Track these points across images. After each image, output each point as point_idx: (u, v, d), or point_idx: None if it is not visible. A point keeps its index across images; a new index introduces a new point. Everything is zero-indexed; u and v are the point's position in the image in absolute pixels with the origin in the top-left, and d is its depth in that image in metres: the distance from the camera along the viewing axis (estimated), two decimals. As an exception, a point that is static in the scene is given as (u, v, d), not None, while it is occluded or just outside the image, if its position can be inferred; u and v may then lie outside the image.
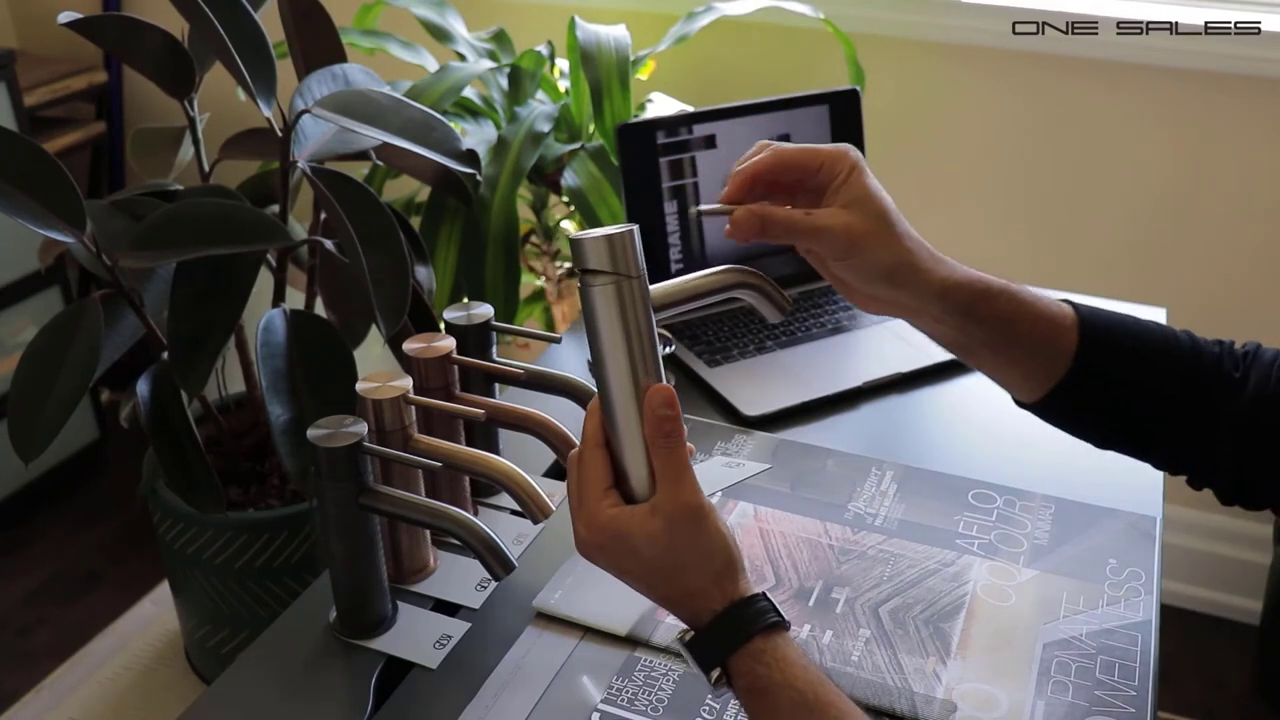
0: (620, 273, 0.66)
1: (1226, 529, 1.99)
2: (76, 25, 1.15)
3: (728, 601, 0.65)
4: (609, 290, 0.66)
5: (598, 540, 0.67)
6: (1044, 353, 0.78)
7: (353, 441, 0.79)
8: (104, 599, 2.03)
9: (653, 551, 0.66)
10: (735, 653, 0.64)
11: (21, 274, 2.16)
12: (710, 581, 0.66)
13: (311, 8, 1.29)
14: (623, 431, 0.67)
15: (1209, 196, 1.85)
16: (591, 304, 0.67)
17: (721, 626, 0.65)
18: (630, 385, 0.67)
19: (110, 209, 1.24)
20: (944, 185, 2.00)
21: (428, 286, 1.34)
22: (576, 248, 0.67)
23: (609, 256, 0.66)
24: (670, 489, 0.66)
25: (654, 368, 0.68)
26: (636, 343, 0.67)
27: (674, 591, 0.67)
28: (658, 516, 0.66)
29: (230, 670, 0.83)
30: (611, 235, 0.66)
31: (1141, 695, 0.78)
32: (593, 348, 0.68)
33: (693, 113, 1.27)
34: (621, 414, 0.67)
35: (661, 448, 0.66)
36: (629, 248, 0.66)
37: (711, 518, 0.67)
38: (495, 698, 0.79)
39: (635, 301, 0.67)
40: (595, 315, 0.67)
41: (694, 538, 0.66)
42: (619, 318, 0.67)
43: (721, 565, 0.66)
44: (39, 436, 1.11)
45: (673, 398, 0.67)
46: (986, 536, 0.94)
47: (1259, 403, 0.76)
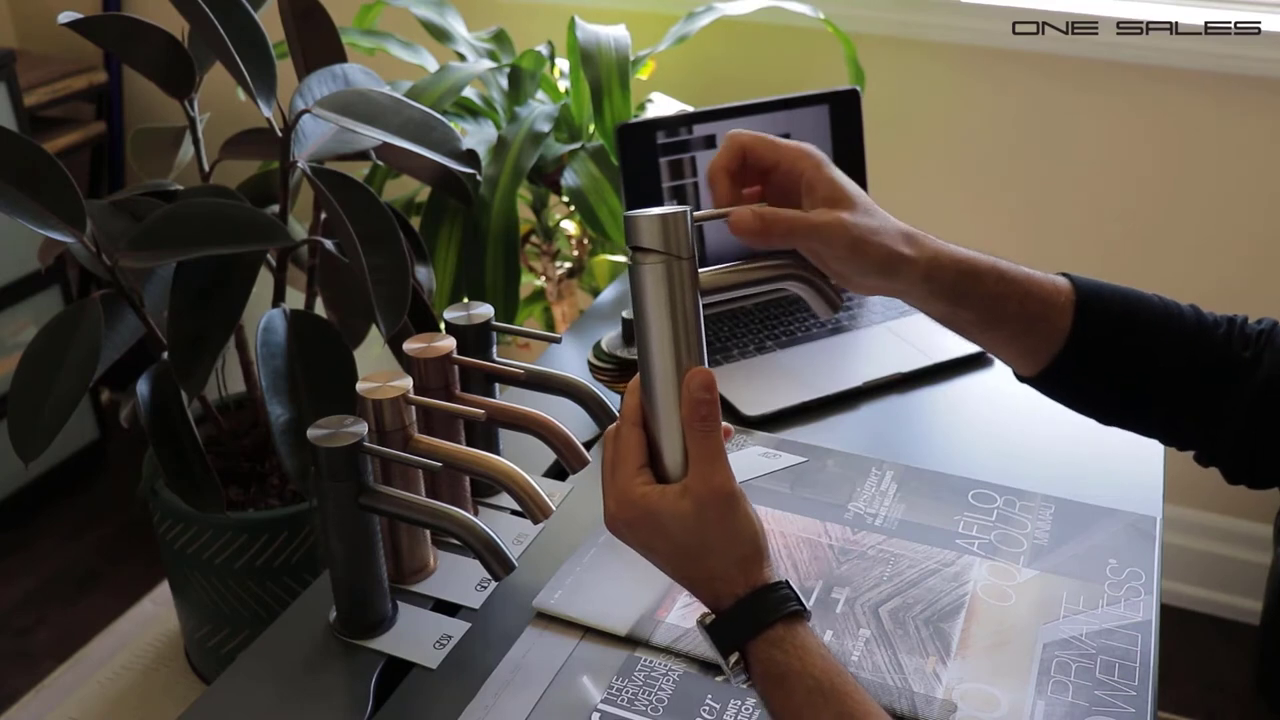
0: (671, 252, 0.66)
1: (1226, 529, 1.99)
2: (76, 25, 1.15)
3: (750, 588, 0.66)
4: (658, 269, 0.66)
5: (627, 516, 0.68)
6: (1038, 330, 0.77)
7: (353, 441, 0.79)
8: (104, 599, 2.03)
9: (681, 532, 0.67)
10: (755, 639, 0.65)
11: (21, 274, 2.16)
12: (735, 566, 0.66)
13: (311, 8, 1.29)
14: (661, 411, 0.68)
15: (1209, 196, 1.85)
16: (640, 281, 0.67)
17: (743, 612, 0.66)
18: (672, 366, 0.67)
19: (110, 209, 1.24)
20: (944, 185, 2.00)
21: (428, 286, 1.34)
22: (630, 224, 0.67)
23: (661, 235, 0.66)
24: (703, 472, 0.66)
25: (697, 351, 0.68)
26: (681, 324, 0.67)
27: (697, 573, 0.68)
28: (688, 498, 0.66)
29: (230, 670, 0.83)
30: (666, 214, 0.66)
31: (1141, 695, 0.78)
32: (637, 326, 0.68)
33: (693, 113, 1.27)
34: (661, 394, 0.68)
35: (698, 430, 0.67)
36: (682, 228, 0.66)
37: (742, 504, 0.67)
38: (495, 698, 0.79)
39: (684, 283, 0.67)
40: (643, 293, 0.67)
41: (723, 522, 0.66)
42: (666, 297, 0.67)
43: (748, 551, 0.67)
44: (39, 436, 1.11)
45: (712, 381, 0.67)
46: (986, 536, 0.94)
47: (1272, 384, 0.76)
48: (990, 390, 1.17)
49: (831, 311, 0.75)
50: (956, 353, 1.20)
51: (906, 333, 1.25)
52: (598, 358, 1.16)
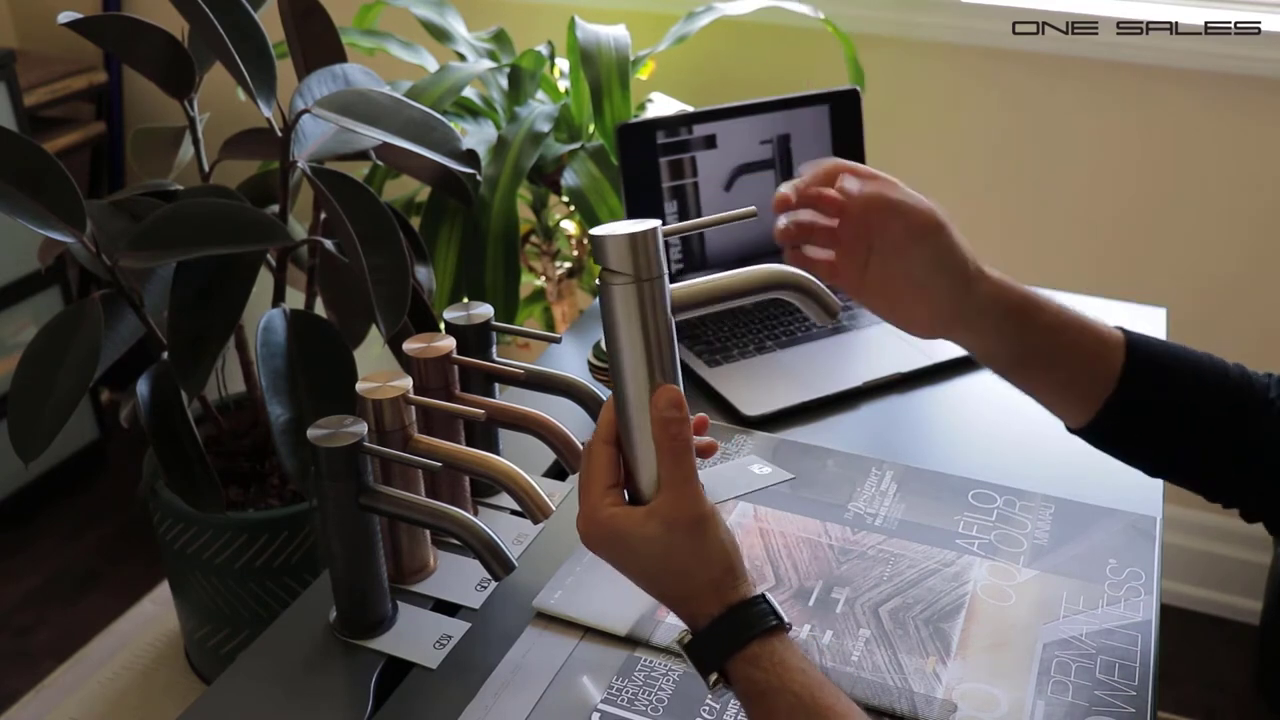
0: (639, 275, 0.65)
1: (1226, 529, 1.99)
2: (76, 25, 1.15)
3: (724, 607, 0.65)
4: (628, 290, 0.65)
5: (595, 534, 0.68)
6: (1092, 369, 0.78)
7: (353, 441, 0.79)
8: (104, 599, 2.03)
9: (648, 555, 0.66)
10: (731, 658, 0.64)
11: (21, 274, 2.16)
12: (707, 587, 0.66)
13: (311, 8, 1.29)
14: (634, 431, 0.67)
15: (1208, 196, 1.85)
16: (610, 302, 0.66)
17: (717, 632, 0.65)
18: (644, 386, 0.66)
19: (110, 209, 1.24)
20: (944, 184, 2.00)
21: (428, 286, 1.34)
22: (597, 245, 0.66)
23: (630, 257, 0.65)
24: (671, 495, 0.66)
25: (670, 369, 0.67)
26: (654, 343, 0.66)
27: (670, 592, 0.68)
28: (654, 521, 0.66)
29: (230, 670, 0.83)
30: (634, 234, 0.65)
31: (1141, 695, 0.78)
32: (609, 344, 0.68)
33: (693, 113, 1.27)
34: (633, 413, 0.67)
35: (666, 450, 0.66)
36: (650, 248, 0.65)
37: (711, 524, 0.66)
38: (495, 698, 0.79)
39: (655, 302, 0.66)
40: (613, 313, 0.66)
41: (691, 545, 0.66)
42: (637, 318, 0.66)
43: (718, 573, 0.66)
44: (39, 436, 1.11)
45: (679, 400, 0.66)
46: (986, 536, 0.94)
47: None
48: (990, 390, 1.17)
49: (829, 318, 0.74)
50: (957, 353, 1.19)
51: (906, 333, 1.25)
52: (598, 358, 1.16)
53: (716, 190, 1.28)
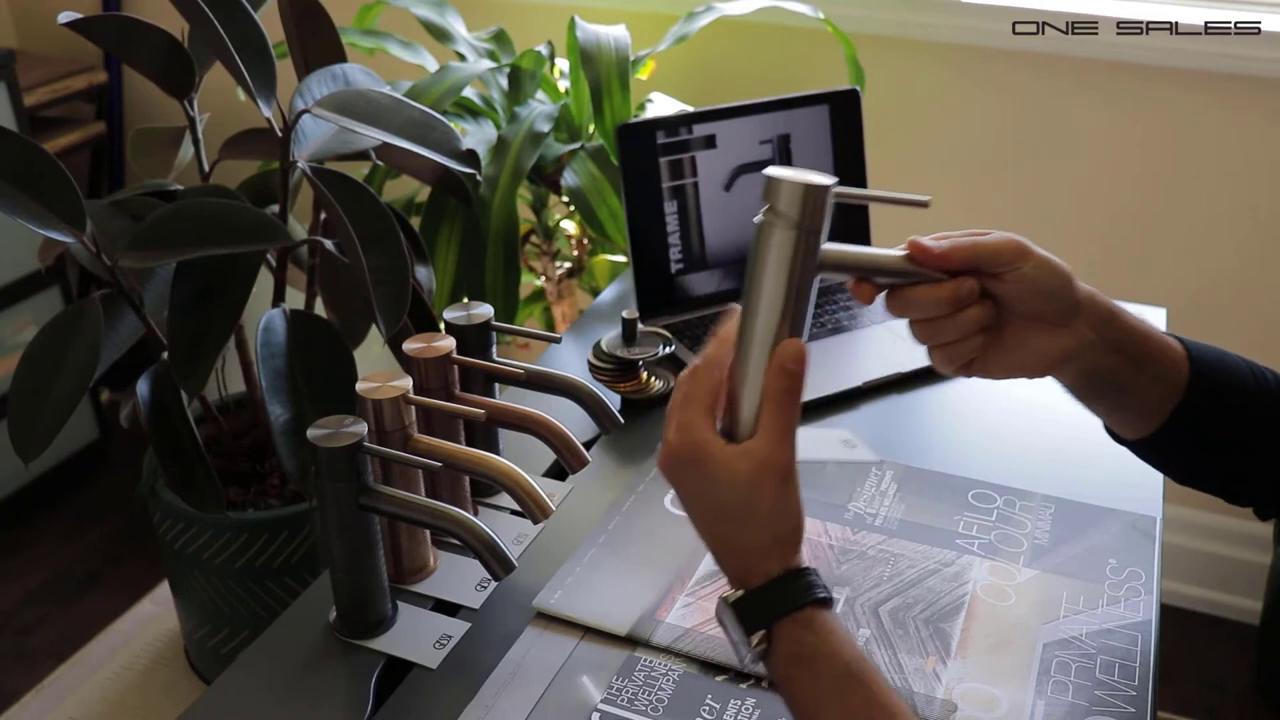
0: (804, 225, 0.66)
1: (1226, 529, 1.99)
2: (76, 25, 1.15)
3: (785, 568, 0.66)
4: (789, 235, 0.66)
5: (682, 453, 0.67)
6: (1167, 375, 0.77)
7: (353, 441, 0.79)
8: (104, 599, 2.03)
9: (729, 489, 0.66)
10: (784, 618, 0.64)
11: (21, 274, 2.16)
12: (773, 542, 0.66)
13: (311, 8, 1.29)
14: (750, 370, 0.67)
15: (1208, 196, 1.85)
16: (765, 241, 0.66)
17: (775, 590, 0.65)
18: (771, 331, 0.67)
19: (110, 209, 1.24)
20: (944, 184, 2.00)
21: (428, 286, 1.34)
22: (771, 185, 0.66)
23: (800, 205, 0.65)
24: (771, 440, 0.66)
25: (800, 322, 0.67)
26: (794, 294, 0.66)
27: (732, 538, 0.67)
28: (747, 460, 0.65)
29: (230, 670, 0.83)
30: (812, 185, 0.65)
31: (1141, 695, 0.78)
32: (749, 280, 0.67)
33: (693, 113, 1.27)
34: (754, 353, 0.67)
35: (777, 399, 0.66)
36: (822, 202, 0.66)
37: (795, 482, 0.66)
38: (495, 698, 0.79)
39: (809, 255, 0.66)
40: (765, 254, 0.66)
41: (774, 495, 0.65)
42: (787, 265, 0.66)
43: (788, 530, 0.66)
44: (39, 436, 1.11)
45: (804, 355, 0.66)
46: (986, 536, 0.94)
47: None
48: (990, 390, 1.17)
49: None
50: (956, 353, 1.19)
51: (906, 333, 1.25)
52: (598, 358, 1.15)
53: (716, 190, 1.28)
